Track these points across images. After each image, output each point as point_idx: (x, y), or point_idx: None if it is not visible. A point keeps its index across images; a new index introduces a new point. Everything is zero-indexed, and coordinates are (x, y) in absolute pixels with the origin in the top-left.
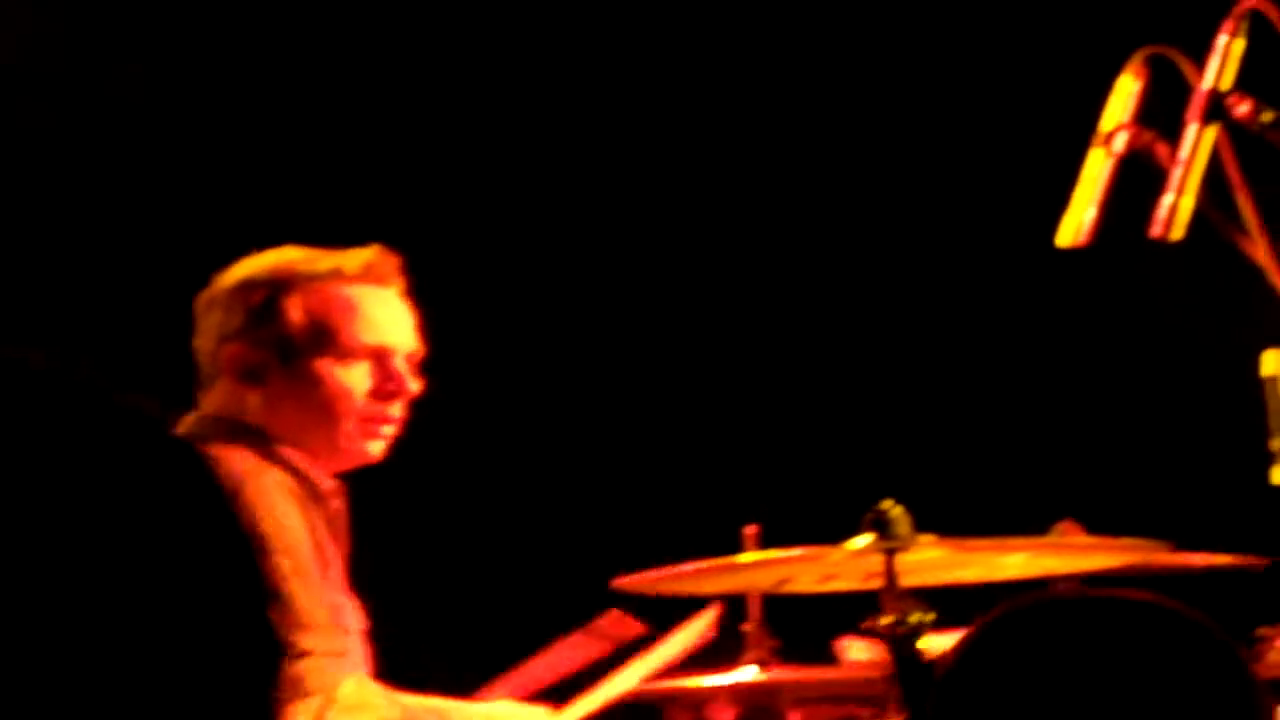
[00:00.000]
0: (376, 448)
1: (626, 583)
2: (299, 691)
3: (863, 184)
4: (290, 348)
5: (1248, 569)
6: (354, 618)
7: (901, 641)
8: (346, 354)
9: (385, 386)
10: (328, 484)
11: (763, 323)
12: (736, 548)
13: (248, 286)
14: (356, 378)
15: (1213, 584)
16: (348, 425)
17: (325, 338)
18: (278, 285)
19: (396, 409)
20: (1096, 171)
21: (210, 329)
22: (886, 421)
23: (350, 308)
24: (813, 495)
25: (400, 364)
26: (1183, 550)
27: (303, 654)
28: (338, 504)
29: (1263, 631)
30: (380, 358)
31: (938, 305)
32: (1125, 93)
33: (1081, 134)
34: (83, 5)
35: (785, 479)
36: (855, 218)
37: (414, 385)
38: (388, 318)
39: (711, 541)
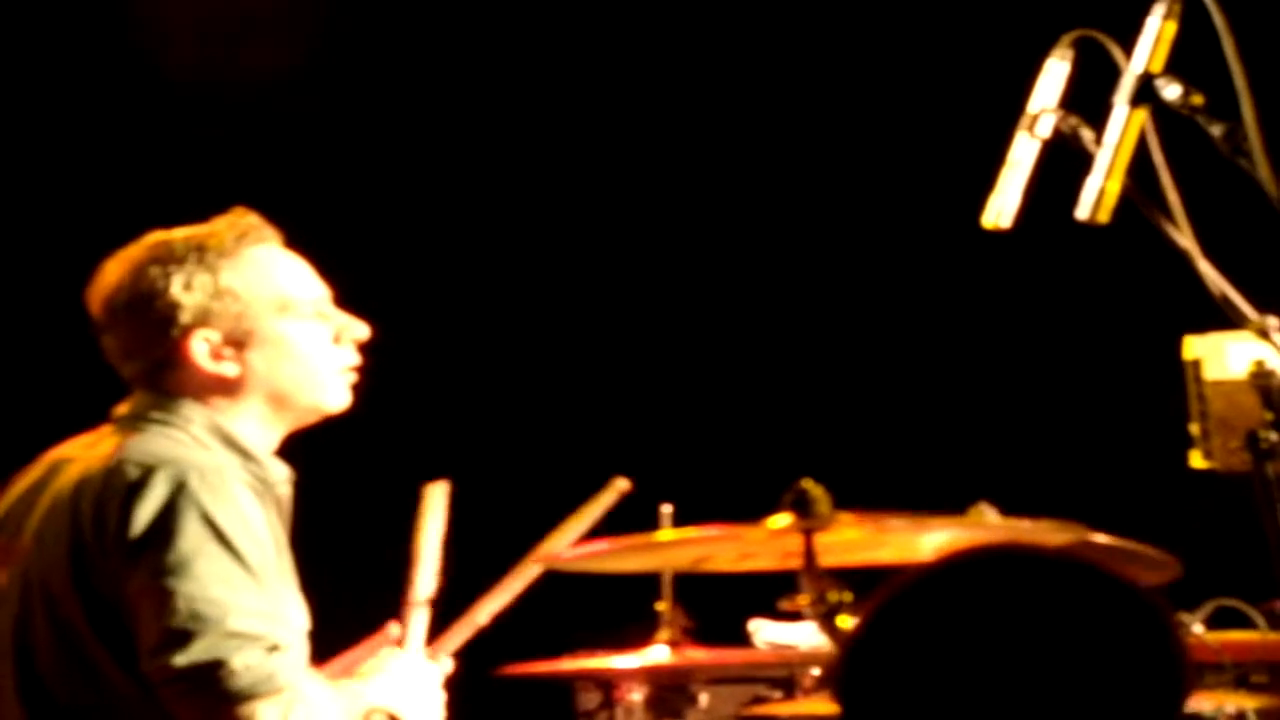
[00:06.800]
0: (348, 395)
1: (543, 559)
2: (272, 686)
3: (785, 166)
4: (251, 318)
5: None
6: (299, 614)
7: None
8: (297, 311)
9: (340, 333)
10: (280, 472)
11: (681, 301)
12: (653, 525)
13: (177, 271)
14: (315, 329)
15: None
16: (324, 376)
17: (278, 301)
18: (212, 264)
19: (356, 353)
20: (1022, 154)
21: (143, 334)
22: (805, 400)
23: (281, 269)
24: (730, 473)
25: (336, 310)
26: (1096, 532)
27: (275, 648)
28: (286, 492)
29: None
30: (320, 308)
31: (859, 284)
32: (1052, 75)
33: (1008, 116)
34: None
35: (702, 457)
36: (778, 199)
37: (363, 327)
38: (302, 271)
39: (628, 519)
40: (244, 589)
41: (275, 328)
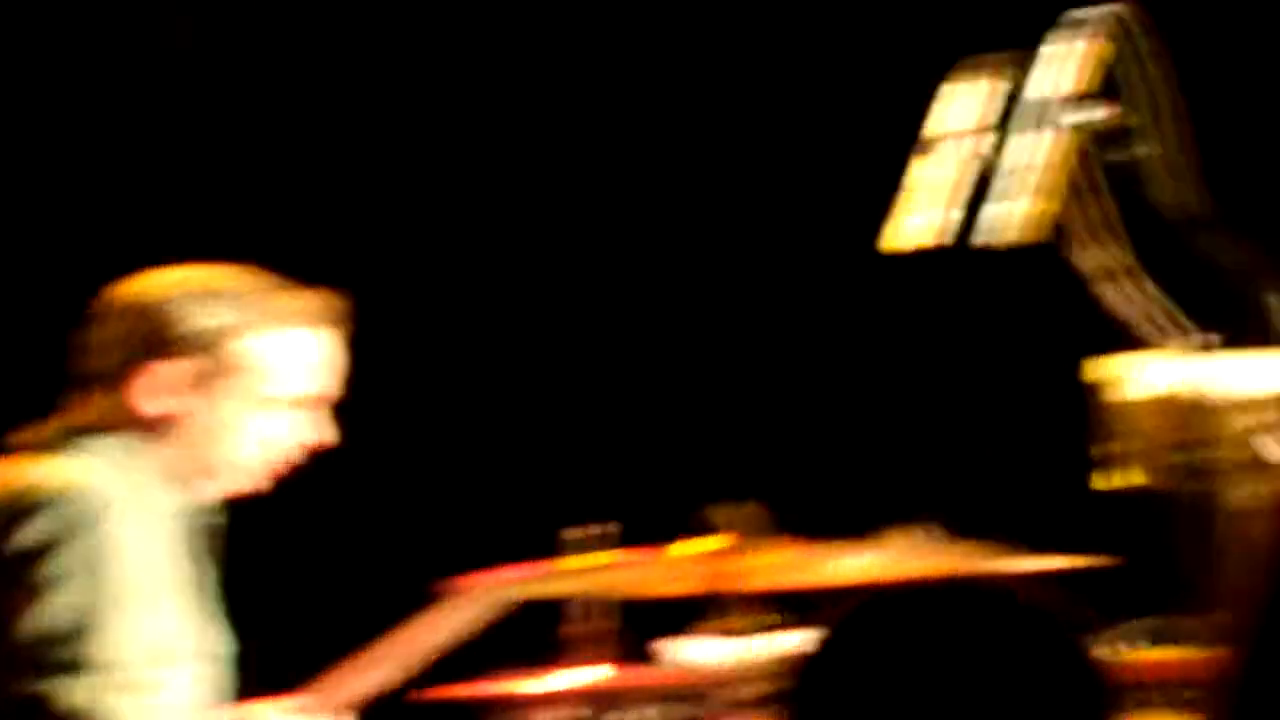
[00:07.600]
0: (255, 485)
1: (453, 586)
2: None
3: (699, 185)
4: (223, 382)
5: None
6: (207, 641)
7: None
8: (276, 403)
9: (299, 433)
10: (185, 503)
11: (608, 321)
12: (566, 550)
13: (197, 308)
14: (279, 426)
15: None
16: (252, 465)
17: (263, 383)
18: (234, 318)
19: (298, 454)
20: (921, 177)
21: (131, 337)
22: (732, 423)
23: (295, 356)
24: (658, 496)
25: (322, 414)
26: (1008, 552)
27: (113, 680)
28: (207, 519)
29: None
30: (305, 406)
31: (780, 309)
32: (953, 98)
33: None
34: None
35: (628, 480)
36: (701, 221)
37: (331, 438)
38: (323, 366)
39: (545, 544)
40: (102, 619)
41: (240, 402)
